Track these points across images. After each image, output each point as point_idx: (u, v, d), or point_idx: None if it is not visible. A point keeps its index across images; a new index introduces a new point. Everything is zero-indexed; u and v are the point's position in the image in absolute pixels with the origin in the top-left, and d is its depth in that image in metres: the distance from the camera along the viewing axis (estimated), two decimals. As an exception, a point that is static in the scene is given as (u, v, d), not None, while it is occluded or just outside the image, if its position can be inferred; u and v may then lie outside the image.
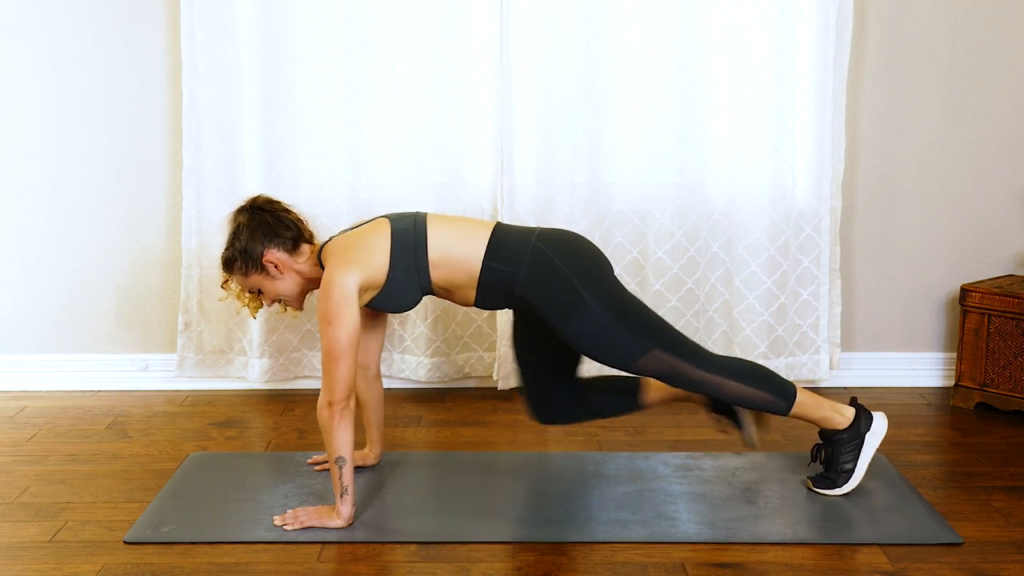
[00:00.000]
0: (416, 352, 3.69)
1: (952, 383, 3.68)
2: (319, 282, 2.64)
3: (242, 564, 2.43)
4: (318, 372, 3.69)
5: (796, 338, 3.68)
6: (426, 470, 2.99)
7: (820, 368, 3.68)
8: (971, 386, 3.53)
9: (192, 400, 3.67)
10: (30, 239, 3.70)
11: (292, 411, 3.55)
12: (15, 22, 3.58)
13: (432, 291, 2.69)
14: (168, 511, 2.70)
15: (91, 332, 3.76)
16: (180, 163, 3.60)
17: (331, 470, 2.58)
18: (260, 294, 2.75)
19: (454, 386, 3.78)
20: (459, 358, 3.73)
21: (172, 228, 3.67)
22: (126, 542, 2.54)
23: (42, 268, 3.72)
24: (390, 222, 2.67)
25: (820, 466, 2.83)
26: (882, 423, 2.77)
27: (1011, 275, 3.68)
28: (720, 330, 3.68)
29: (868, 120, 3.66)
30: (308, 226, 2.77)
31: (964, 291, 3.53)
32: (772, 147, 3.56)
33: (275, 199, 2.78)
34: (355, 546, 2.51)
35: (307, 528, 2.58)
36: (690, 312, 3.65)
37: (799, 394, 2.70)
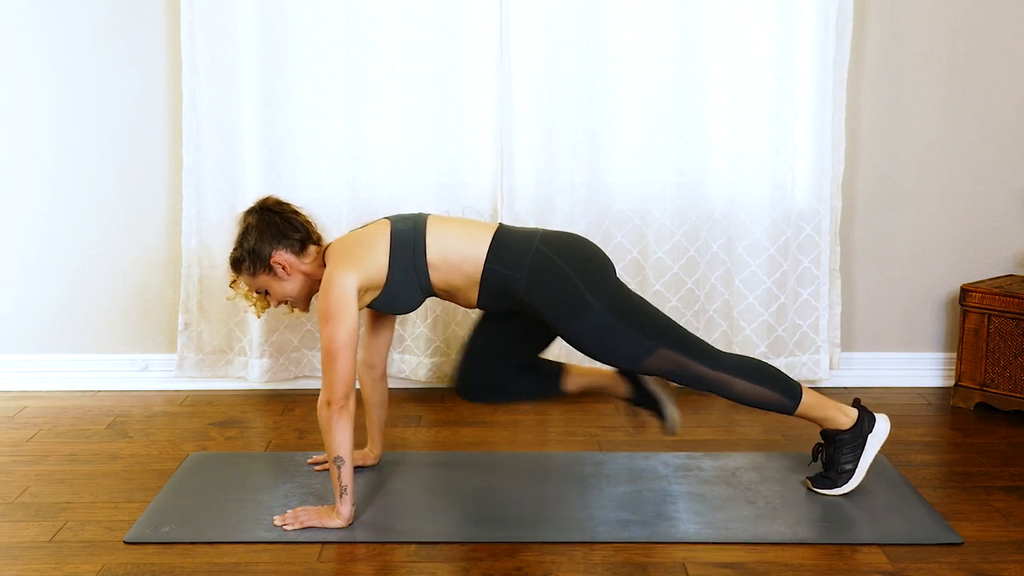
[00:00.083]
0: (416, 352, 3.69)
1: (952, 383, 3.68)
2: (324, 283, 2.65)
3: (242, 564, 2.43)
4: (318, 372, 3.69)
5: (796, 338, 3.68)
6: (426, 470, 2.99)
7: (820, 368, 3.68)
8: (971, 386, 3.53)
9: (192, 400, 3.67)
10: (30, 239, 3.70)
11: (292, 411, 3.55)
12: (15, 22, 3.58)
13: (433, 292, 2.69)
14: (168, 511, 2.70)
15: (91, 332, 3.76)
16: (180, 163, 3.60)
17: (330, 470, 2.59)
18: (267, 294, 2.75)
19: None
20: (459, 358, 3.73)
21: (172, 228, 3.67)
22: (126, 542, 2.54)
23: (42, 268, 3.72)
24: (391, 223, 2.67)
25: (820, 466, 2.83)
26: (885, 425, 2.77)
27: (1011, 275, 3.68)
28: (720, 330, 3.68)
29: (868, 120, 3.66)
30: (317, 228, 2.77)
31: (964, 291, 3.53)
32: (772, 147, 3.56)
33: (285, 201, 2.78)
34: (355, 546, 2.51)
35: (307, 528, 2.58)
36: (690, 312, 3.65)
37: (804, 394, 2.71)
